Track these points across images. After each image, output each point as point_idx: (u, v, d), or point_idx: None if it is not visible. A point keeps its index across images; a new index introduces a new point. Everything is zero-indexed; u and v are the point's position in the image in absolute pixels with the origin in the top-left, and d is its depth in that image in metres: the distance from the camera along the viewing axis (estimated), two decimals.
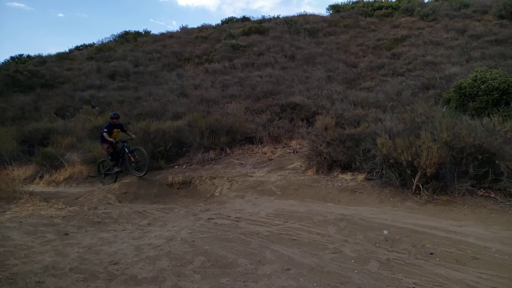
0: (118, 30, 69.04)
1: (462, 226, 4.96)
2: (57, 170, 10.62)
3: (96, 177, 9.54)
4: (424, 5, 27.11)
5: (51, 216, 6.44)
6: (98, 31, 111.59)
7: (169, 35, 30.74)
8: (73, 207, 7.13)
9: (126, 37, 31.57)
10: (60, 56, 28.56)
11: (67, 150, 11.72)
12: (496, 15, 22.24)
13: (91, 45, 32.94)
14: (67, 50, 32.82)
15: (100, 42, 32.02)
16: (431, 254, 4.13)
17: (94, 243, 5.14)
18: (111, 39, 32.29)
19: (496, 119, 6.83)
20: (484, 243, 4.32)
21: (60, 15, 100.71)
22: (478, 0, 26.80)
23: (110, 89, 19.63)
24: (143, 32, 33.22)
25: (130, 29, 37.54)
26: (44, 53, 42.18)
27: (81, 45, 34.35)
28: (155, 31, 48.68)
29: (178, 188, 8.20)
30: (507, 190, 5.86)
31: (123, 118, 13.00)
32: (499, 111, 8.29)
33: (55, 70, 23.60)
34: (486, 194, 5.94)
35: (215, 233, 5.22)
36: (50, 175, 10.42)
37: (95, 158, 9.86)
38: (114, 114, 8.90)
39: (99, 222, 6.26)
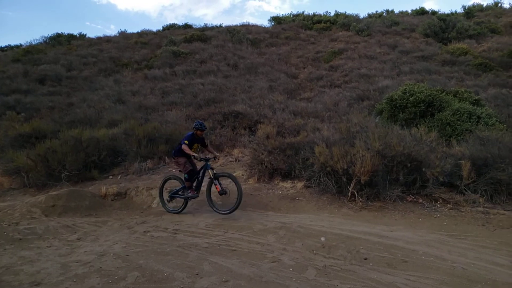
0: (49, 32, 64.80)
1: (393, 231, 5.22)
2: None
3: (19, 189, 8.68)
4: (359, 21, 28.84)
5: None
6: (26, 32, 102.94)
7: (106, 39, 29.40)
8: None
9: (59, 40, 29.60)
10: None
11: None
12: (422, 34, 24.31)
13: (17, 47, 30.33)
14: None
15: (29, 44, 29.63)
16: (365, 259, 4.27)
17: (13, 262, 4.64)
18: (41, 41, 29.99)
19: (422, 129, 7.34)
20: (412, 247, 4.56)
21: None
22: (406, 19, 29.12)
23: (39, 94, 18.14)
24: (77, 35, 31.42)
25: (63, 31, 35.31)
26: None
27: (6, 46, 31.62)
28: (91, 34, 46.53)
29: (112, 200, 7.74)
30: (433, 195, 6.33)
31: (52, 125, 12.07)
32: (425, 122, 8.96)
33: None
34: (415, 199, 6.34)
35: (151, 247, 4.98)
36: None
37: (18, 168, 8.98)
38: (200, 125, 6.65)
39: (20, 239, 5.69)
